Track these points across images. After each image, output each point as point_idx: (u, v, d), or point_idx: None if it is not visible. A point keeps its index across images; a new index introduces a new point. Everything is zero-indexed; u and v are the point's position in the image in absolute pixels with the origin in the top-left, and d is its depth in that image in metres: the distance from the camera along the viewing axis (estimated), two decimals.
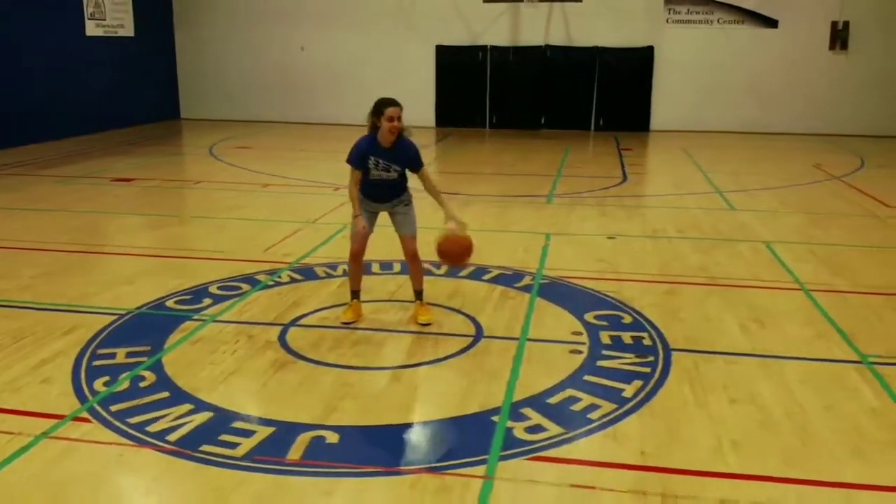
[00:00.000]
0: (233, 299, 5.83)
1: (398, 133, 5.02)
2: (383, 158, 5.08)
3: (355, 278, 5.46)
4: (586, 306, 5.71)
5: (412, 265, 5.45)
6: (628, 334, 5.18)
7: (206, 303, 5.75)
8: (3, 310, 5.60)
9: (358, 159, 5.11)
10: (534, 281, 6.32)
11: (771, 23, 16.73)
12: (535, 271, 6.56)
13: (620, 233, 8.03)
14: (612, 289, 6.12)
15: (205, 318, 5.44)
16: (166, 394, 4.27)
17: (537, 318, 5.51)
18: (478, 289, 6.13)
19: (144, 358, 4.74)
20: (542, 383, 4.43)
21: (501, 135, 17.10)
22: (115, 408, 4.10)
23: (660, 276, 6.56)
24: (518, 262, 6.86)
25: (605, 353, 4.88)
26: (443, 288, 6.10)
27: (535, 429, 3.91)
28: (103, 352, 4.84)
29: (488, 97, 17.89)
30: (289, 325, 5.33)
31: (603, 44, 17.15)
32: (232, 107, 18.69)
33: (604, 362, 4.74)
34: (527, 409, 4.12)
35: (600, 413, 4.09)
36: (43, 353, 4.79)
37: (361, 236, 5.26)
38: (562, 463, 3.61)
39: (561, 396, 4.28)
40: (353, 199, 5.19)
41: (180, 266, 6.77)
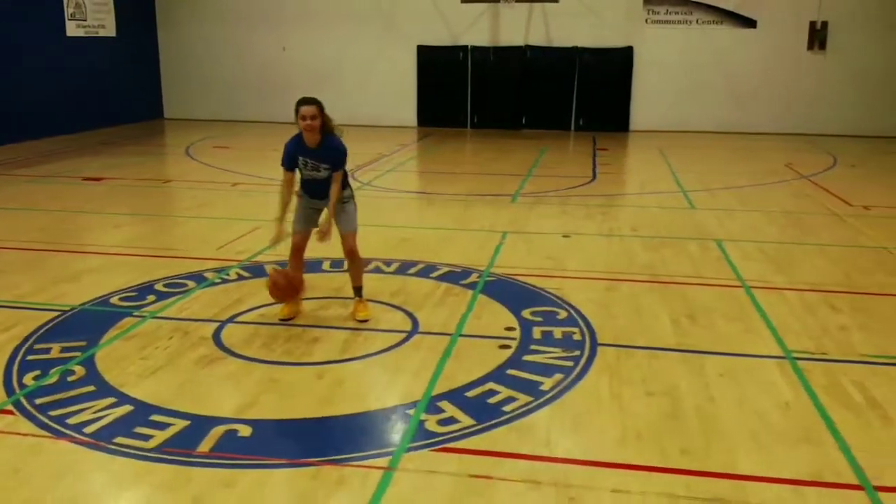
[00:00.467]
0: (177, 296, 5.90)
1: (320, 132, 5.06)
2: (310, 158, 5.14)
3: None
4: (525, 303, 5.78)
5: (351, 262, 5.51)
6: (560, 329, 5.25)
7: (150, 300, 5.82)
8: None
9: (287, 160, 5.18)
10: (480, 278, 6.39)
11: (750, 23, 16.81)
12: (483, 269, 6.64)
13: (577, 231, 8.10)
14: (554, 286, 6.19)
15: (144, 314, 5.52)
16: (92, 388, 4.36)
17: (475, 314, 5.58)
18: (422, 286, 6.20)
19: (78, 353, 4.82)
20: (465, 377, 4.50)
21: (482, 135, 17.17)
22: (39, 401, 4.18)
23: (604, 273, 6.63)
24: (469, 259, 6.92)
25: (533, 347, 4.96)
26: (389, 285, 6.18)
27: (447, 421, 3.99)
28: (39, 347, 4.92)
29: (469, 97, 17.96)
30: (226, 321, 5.40)
31: (583, 44, 17.22)
32: (214, 106, 18.79)
33: (529, 357, 4.81)
34: (444, 402, 4.20)
35: (515, 406, 4.16)
36: None
37: (300, 236, 5.33)
38: (464, 454, 3.68)
39: (480, 390, 4.35)
40: (280, 202, 5.25)
41: (132, 263, 6.83)
